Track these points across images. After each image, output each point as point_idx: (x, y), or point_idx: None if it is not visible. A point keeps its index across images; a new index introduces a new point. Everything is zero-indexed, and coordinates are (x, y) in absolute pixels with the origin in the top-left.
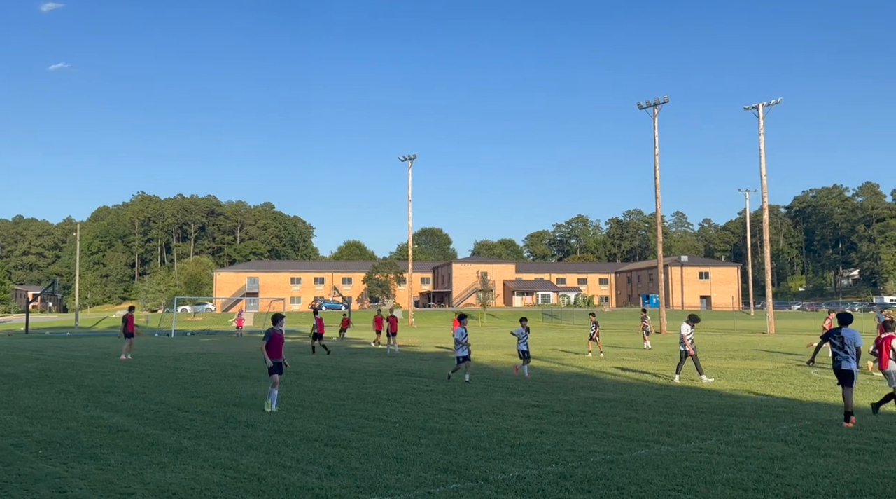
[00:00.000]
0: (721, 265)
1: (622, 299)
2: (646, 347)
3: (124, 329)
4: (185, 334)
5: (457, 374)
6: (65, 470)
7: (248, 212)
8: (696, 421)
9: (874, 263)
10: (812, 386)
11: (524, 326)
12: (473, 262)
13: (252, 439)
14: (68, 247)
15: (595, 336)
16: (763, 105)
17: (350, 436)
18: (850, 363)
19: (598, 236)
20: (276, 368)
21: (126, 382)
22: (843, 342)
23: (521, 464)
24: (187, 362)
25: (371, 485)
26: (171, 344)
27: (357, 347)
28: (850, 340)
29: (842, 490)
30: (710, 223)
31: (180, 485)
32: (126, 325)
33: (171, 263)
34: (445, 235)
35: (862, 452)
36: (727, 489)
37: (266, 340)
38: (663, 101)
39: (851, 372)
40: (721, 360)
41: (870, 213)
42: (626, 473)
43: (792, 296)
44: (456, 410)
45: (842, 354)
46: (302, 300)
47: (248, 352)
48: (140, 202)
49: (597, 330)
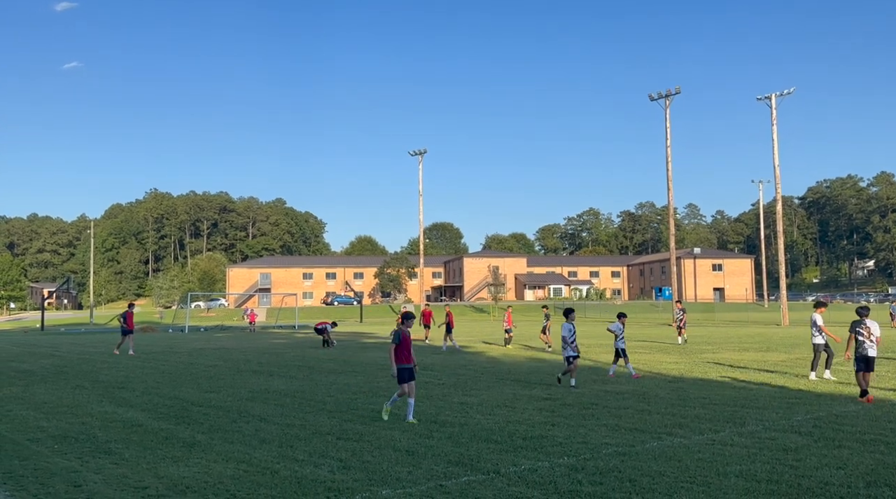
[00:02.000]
0: (734, 257)
1: (634, 292)
2: (681, 342)
3: (123, 326)
4: (199, 330)
5: (565, 377)
6: (80, 464)
7: (260, 208)
8: (709, 413)
9: (889, 253)
10: (827, 377)
11: (622, 321)
12: (485, 256)
13: (265, 432)
14: (82, 244)
15: (546, 329)
16: (776, 95)
17: (362, 429)
18: (874, 350)
19: (609, 229)
20: (407, 374)
21: (140, 377)
22: (868, 332)
23: (533, 456)
24: (201, 358)
25: (383, 478)
26: (185, 340)
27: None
28: (874, 329)
29: (856, 481)
30: (722, 215)
31: (193, 479)
32: (125, 321)
33: (184, 260)
34: (456, 229)
35: (877, 443)
36: (740, 481)
37: (395, 342)
38: (675, 93)
39: (874, 358)
40: (735, 352)
41: (885, 203)
42: (638, 465)
43: (806, 287)
44: (467, 403)
45: (868, 342)
46: (314, 295)
47: (261, 347)
48: (153, 199)
49: (548, 323)
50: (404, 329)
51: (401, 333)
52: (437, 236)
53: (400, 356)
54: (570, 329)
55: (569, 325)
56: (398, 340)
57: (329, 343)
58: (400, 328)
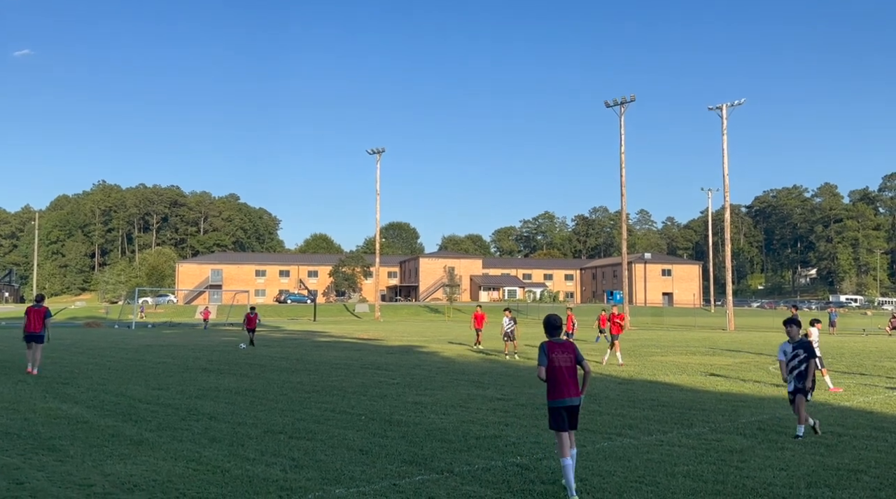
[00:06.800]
0: (683, 263)
1: (587, 295)
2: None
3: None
4: (147, 326)
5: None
6: (22, 461)
7: (213, 203)
8: (657, 415)
9: (831, 262)
10: (770, 382)
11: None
12: (441, 256)
13: (215, 431)
14: (26, 236)
15: (509, 335)
16: (727, 106)
17: (315, 428)
18: None
19: (563, 233)
20: None
21: (85, 373)
22: None
23: (487, 456)
24: (149, 354)
25: (336, 477)
26: (132, 336)
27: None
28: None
29: (798, 482)
30: (672, 221)
31: (141, 477)
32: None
33: (132, 254)
34: (413, 229)
35: (818, 445)
36: (687, 481)
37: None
38: (630, 100)
39: None
40: (682, 355)
41: (828, 213)
42: (588, 465)
43: (751, 294)
44: (422, 403)
45: None
46: (267, 293)
47: (211, 344)
48: (101, 191)
49: (514, 327)
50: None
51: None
52: (393, 236)
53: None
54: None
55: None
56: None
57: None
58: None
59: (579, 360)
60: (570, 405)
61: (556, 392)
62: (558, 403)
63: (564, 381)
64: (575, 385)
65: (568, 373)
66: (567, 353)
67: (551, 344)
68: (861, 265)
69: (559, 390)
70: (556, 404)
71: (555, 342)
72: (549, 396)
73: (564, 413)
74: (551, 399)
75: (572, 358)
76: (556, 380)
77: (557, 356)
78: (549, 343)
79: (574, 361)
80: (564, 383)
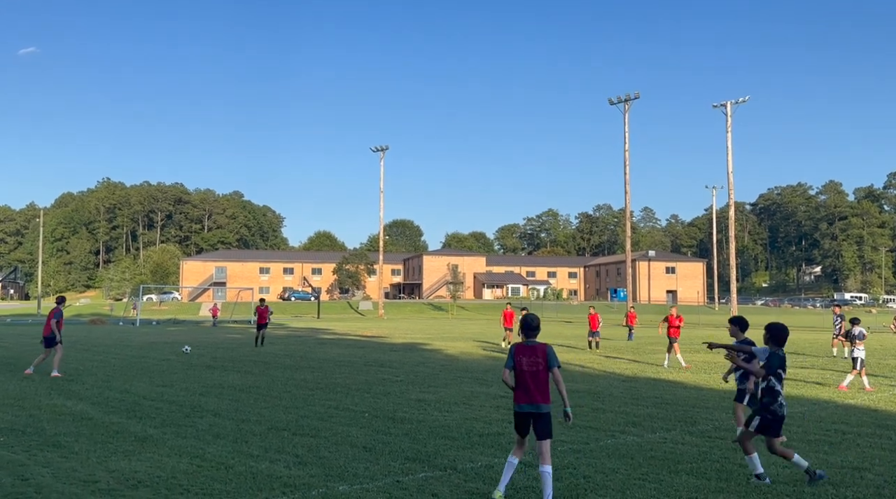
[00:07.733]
0: (687, 260)
1: (590, 293)
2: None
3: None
4: (151, 323)
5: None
6: (27, 458)
7: (217, 200)
8: (661, 412)
9: (836, 260)
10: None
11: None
12: (444, 254)
13: (219, 428)
14: (31, 233)
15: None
16: (731, 103)
17: (319, 425)
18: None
19: (567, 231)
20: None
21: (90, 370)
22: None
23: (490, 453)
24: (153, 351)
25: (340, 474)
26: (137, 333)
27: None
28: None
29: (801, 479)
30: (677, 219)
31: (146, 473)
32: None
33: (136, 252)
34: (416, 226)
35: (821, 443)
36: (691, 478)
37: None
38: (634, 98)
39: None
40: (686, 353)
41: (832, 211)
42: (592, 462)
43: (756, 291)
44: (425, 400)
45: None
46: (271, 290)
47: (215, 341)
48: (105, 189)
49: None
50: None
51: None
52: (397, 234)
53: None
54: None
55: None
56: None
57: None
58: None
59: (551, 365)
60: (527, 412)
61: (516, 397)
62: (516, 408)
63: (525, 386)
64: (539, 392)
65: (531, 378)
66: (535, 357)
67: (520, 347)
68: (866, 263)
69: (518, 395)
70: (515, 408)
71: (525, 345)
72: (514, 399)
73: (523, 419)
74: (514, 403)
75: (541, 363)
76: (518, 384)
77: (523, 360)
78: (518, 346)
79: (543, 367)
80: (525, 389)
